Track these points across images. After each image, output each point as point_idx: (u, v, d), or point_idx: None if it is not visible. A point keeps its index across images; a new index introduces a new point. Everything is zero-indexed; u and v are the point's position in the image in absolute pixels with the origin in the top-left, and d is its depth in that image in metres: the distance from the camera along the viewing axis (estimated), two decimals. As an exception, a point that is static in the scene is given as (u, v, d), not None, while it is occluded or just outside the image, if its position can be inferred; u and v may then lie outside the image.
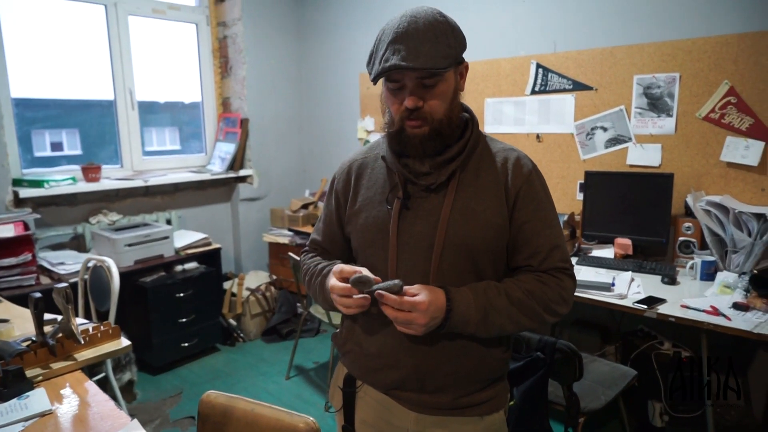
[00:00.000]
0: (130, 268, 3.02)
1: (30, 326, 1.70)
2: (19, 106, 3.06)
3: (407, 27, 1.02)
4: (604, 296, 2.13)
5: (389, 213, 1.14)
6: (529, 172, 1.14)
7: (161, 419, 2.77)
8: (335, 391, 1.31)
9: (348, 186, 1.24)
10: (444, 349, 1.12)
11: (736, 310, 1.93)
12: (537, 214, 1.12)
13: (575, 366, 1.76)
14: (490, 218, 1.10)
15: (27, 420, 1.24)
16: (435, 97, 1.06)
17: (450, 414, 1.15)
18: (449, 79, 1.07)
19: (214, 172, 3.83)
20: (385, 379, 1.17)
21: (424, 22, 1.03)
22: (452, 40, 1.05)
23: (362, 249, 1.20)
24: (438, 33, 1.03)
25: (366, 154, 1.26)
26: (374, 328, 1.17)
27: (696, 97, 2.50)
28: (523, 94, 3.08)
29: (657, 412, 2.37)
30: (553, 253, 1.12)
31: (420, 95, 1.05)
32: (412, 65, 1.00)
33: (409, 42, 1.01)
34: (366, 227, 1.17)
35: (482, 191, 1.11)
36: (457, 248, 1.09)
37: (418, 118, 1.06)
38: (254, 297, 3.76)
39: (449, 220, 1.09)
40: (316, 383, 3.13)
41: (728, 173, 2.45)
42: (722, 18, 2.39)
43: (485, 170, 1.13)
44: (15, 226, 2.69)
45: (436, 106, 1.06)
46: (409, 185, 1.14)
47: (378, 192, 1.18)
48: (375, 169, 1.22)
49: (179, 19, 3.79)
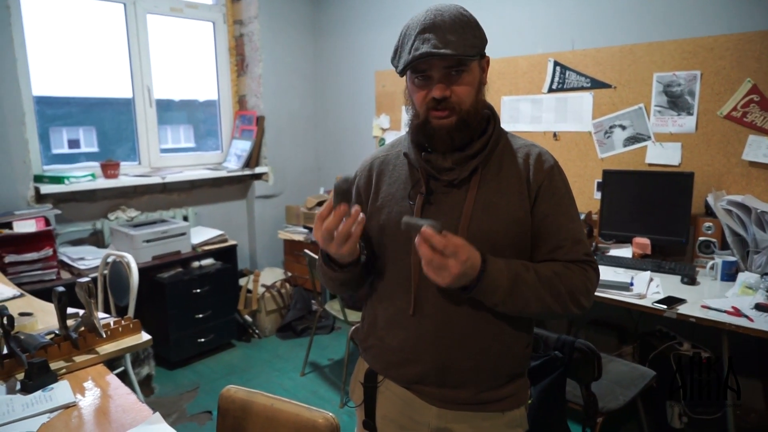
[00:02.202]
0: (147, 263, 3.06)
1: (52, 320, 1.72)
2: (39, 104, 3.11)
3: (434, 19, 1.04)
4: (623, 296, 2.11)
5: (411, 209, 1.13)
6: (551, 168, 1.14)
7: (178, 413, 2.80)
8: (356, 386, 1.31)
9: (369, 183, 1.24)
10: (466, 344, 1.12)
11: (758, 311, 1.90)
12: (559, 208, 1.12)
13: (594, 365, 1.74)
14: (512, 212, 1.10)
15: (52, 411, 1.25)
16: (462, 88, 1.07)
17: (471, 409, 1.15)
18: (475, 70, 1.09)
19: (230, 169, 3.85)
20: (407, 373, 1.17)
21: (450, 15, 1.05)
22: (477, 32, 1.08)
23: (384, 245, 1.19)
24: (464, 24, 1.05)
25: (387, 151, 1.26)
26: (396, 322, 1.17)
27: (717, 95, 2.46)
28: (540, 92, 3.06)
29: (676, 414, 2.35)
30: (576, 247, 1.11)
31: (447, 85, 1.06)
32: (444, 51, 1.01)
33: (437, 32, 1.03)
34: (388, 223, 1.17)
35: (504, 186, 1.11)
36: (479, 243, 1.07)
37: (445, 108, 1.07)
38: (269, 293, 3.78)
39: (471, 215, 1.09)
40: (331, 380, 3.14)
41: (750, 172, 2.41)
42: (745, 15, 2.35)
43: (507, 165, 1.14)
44: (36, 221, 2.73)
45: (463, 95, 1.07)
46: (432, 181, 1.14)
47: (400, 188, 1.18)
48: (397, 166, 1.21)
49: (196, 17, 3.82)
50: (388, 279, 1.19)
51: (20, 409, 1.24)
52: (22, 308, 1.93)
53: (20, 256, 2.60)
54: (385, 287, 1.20)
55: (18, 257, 2.60)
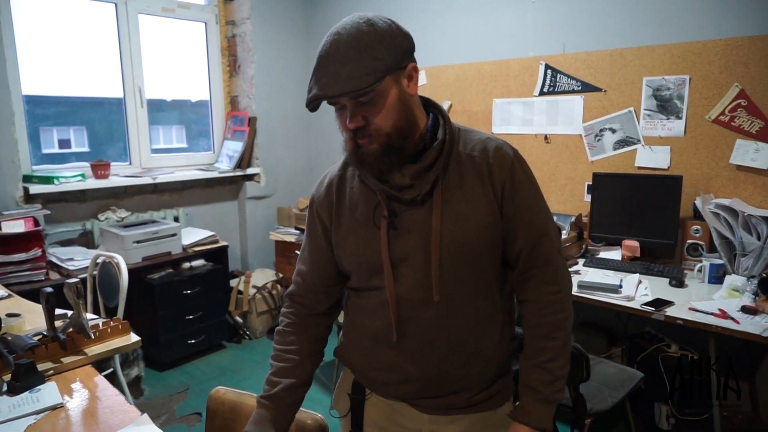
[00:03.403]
0: (137, 264, 3.04)
1: (40, 321, 1.72)
2: (29, 103, 3.09)
3: (329, 49, 0.98)
4: (611, 298, 2.13)
5: (378, 233, 1.09)
6: (512, 162, 1.09)
7: (168, 415, 2.79)
8: (341, 396, 1.28)
9: (330, 208, 1.17)
10: (455, 357, 1.11)
11: (744, 313, 1.93)
12: (524, 203, 1.09)
13: (582, 367, 1.76)
14: (482, 219, 1.07)
15: (38, 413, 1.25)
16: (377, 113, 1.00)
17: (465, 411, 1.15)
18: (388, 89, 1.00)
19: (222, 170, 3.84)
20: (397, 391, 1.16)
21: (347, 38, 0.97)
22: (381, 51, 0.97)
23: (357, 274, 1.15)
24: (361, 47, 0.96)
25: (342, 169, 1.18)
26: (380, 344, 1.14)
27: (706, 99, 2.49)
28: (531, 95, 3.08)
29: (663, 415, 2.37)
30: (542, 243, 1.10)
31: (361, 113, 1.00)
32: (331, 93, 0.95)
33: (330, 66, 0.96)
34: (357, 252, 1.13)
35: (469, 193, 1.07)
36: (454, 255, 1.06)
37: (365, 136, 1.01)
38: (261, 295, 3.77)
39: (442, 230, 1.05)
40: (322, 381, 3.14)
41: (738, 176, 2.44)
42: (733, 20, 2.38)
43: (468, 169, 1.08)
44: (25, 221, 2.71)
45: (380, 121, 1.00)
46: (393, 202, 1.08)
47: (362, 213, 1.12)
48: (354, 188, 1.15)
49: (188, 17, 3.81)
50: (366, 305, 1.16)
51: (6, 411, 1.24)
52: (9, 309, 1.92)
53: (8, 257, 2.58)
54: (364, 312, 1.17)
55: (6, 258, 2.58)
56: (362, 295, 1.17)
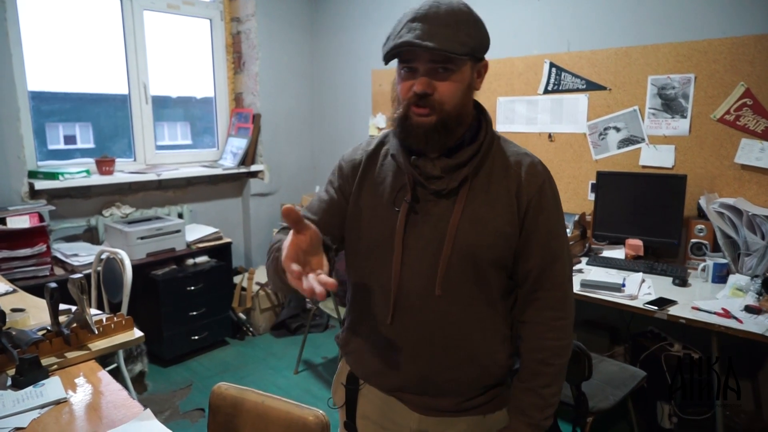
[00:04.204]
0: (142, 260, 3.06)
1: (44, 316, 1.72)
2: (35, 99, 3.10)
3: (428, 10, 0.99)
4: (614, 297, 2.13)
5: (396, 215, 1.09)
6: (543, 181, 1.10)
7: (171, 411, 2.80)
8: (338, 387, 1.30)
9: (354, 175, 1.17)
10: (446, 356, 1.10)
11: (747, 313, 1.92)
12: (545, 224, 1.10)
13: (584, 365, 1.75)
14: (499, 227, 1.07)
15: (42, 407, 1.26)
16: (447, 87, 1.00)
17: (452, 415, 1.14)
18: (465, 71, 1.02)
19: (226, 166, 3.85)
20: (388, 382, 1.16)
21: (446, 9, 0.99)
22: (473, 31, 1.00)
23: (365, 250, 1.15)
24: (459, 20, 0.99)
25: (377, 145, 1.19)
26: (376, 330, 1.15)
27: (711, 98, 2.47)
28: (535, 93, 3.07)
29: (666, 414, 2.36)
30: (555, 267, 1.12)
31: (432, 82, 1.00)
32: (426, 44, 0.95)
33: (426, 23, 0.97)
34: (371, 228, 1.13)
35: (493, 199, 1.07)
36: (463, 256, 1.06)
37: (425, 106, 1.01)
38: (264, 291, 3.78)
39: (458, 228, 1.05)
40: (325, 378, 3.15)
41: (742, 176, 2.43)
42: (739, 19, 2.37)
43: (498, 176, 1.09)
44: (30, 217, 2.73)
45: (447, 95, 1.00)
46: (418, 188, 1.09)
47: (385, 192, 1.12)
48: (383, 166, 1.15)
49: (193, 14, 3.81)
50: (367, 285, 1.16)
51: (11, 405, 1.25)
52: (14, 304, 1.93)
53: (13, 252, 2.60)
54: (364, 294, 1.17)
55: (11, 253, 2.59)
56: (364, 275, 1.17)
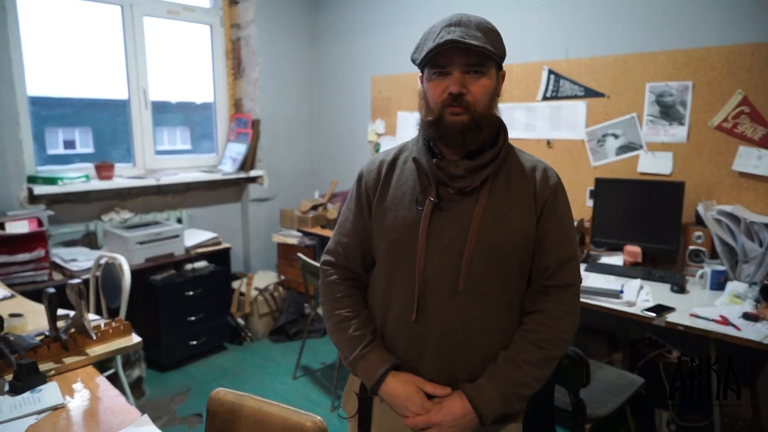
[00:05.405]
0: (140, 265, 3.05)
1: (42, 321, 1.72)
2: (35, 104, 3.10)
3: (460, 18, 1.08)
4: (612, 303, 2.13)
5: (419, 214, 1.13)
6: (556, 185, 1.18)
7: (169, 416, 2.80)
8: (350, 396, 1.29)
9: (377, 183, 1.22)
10: (470, 353, 1.12)
11: (745, 320, 1.92)
12: (560, 225, 1.15)
13: (582, 372, 1.76)
14: (520, 225, 1.12)
15: (40, 413, 1.26)
16: (479, 88, 1.07)
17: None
18: (492, 75, 1.10)
19: (225, 172, 3.85)
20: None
21: (476, 19, 1.10)
22: (499, 42, 1.11)
23: (389, 249, 1.18)
24: (487, 29, 1.09)
25: (395, 155, 1.25)
26: (398, 328, 1.18)
27: (709, 105, 2.49)
28: (534, 100, 3.08)
29: (664, 421, 2.36)
30: (568, 265, 1.15)
31: (465, 82, 1.07)
32: (470, 41, 1.02)
33: (463, 27, 1.06)
34: (395, 227, 1.16)
35: (514, 198, 1.13)
36: (487, 253, 1.09)
37: (459, 105, 1.07)
38: (262, 297, 3.78)
39: (481, 225, 1.10)
40: (323, 384, 3.14)
41: (740, 183, 2.43)
42: (737, 27, 2.38)
43: (516, 178, 1.15)
44: (29, 222, 2.73)
45: (479, 95, 1.08)
46: (442, 188, 1.13)
47: (408, 192, 1.17)
48: (404, 171, 1.20)
49: (193, 20, 3.83)
50: (390, 284, 1.18)
51: (8, 411, 1.24)
52: (12, 309, 1.93)
53: (12, 257, 2.60)
54: (387, 292, 1.19)
55: (10, 258, 2.59)
56: (388, 275, 1.19)
